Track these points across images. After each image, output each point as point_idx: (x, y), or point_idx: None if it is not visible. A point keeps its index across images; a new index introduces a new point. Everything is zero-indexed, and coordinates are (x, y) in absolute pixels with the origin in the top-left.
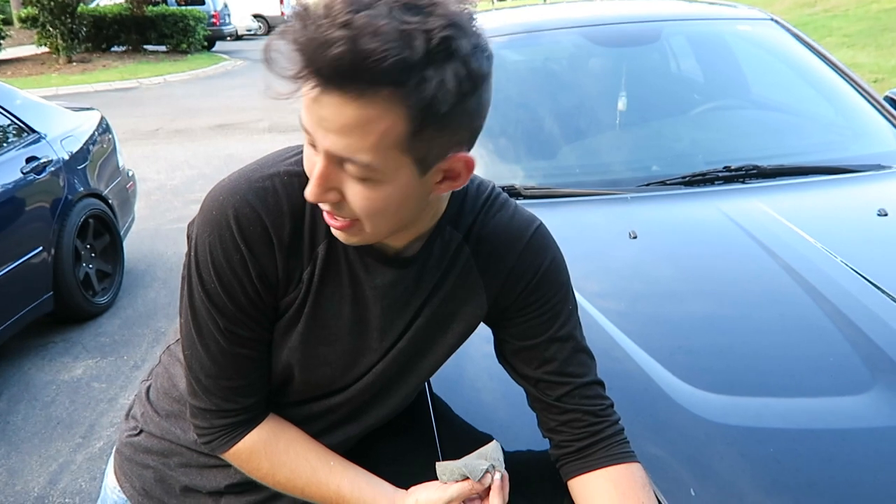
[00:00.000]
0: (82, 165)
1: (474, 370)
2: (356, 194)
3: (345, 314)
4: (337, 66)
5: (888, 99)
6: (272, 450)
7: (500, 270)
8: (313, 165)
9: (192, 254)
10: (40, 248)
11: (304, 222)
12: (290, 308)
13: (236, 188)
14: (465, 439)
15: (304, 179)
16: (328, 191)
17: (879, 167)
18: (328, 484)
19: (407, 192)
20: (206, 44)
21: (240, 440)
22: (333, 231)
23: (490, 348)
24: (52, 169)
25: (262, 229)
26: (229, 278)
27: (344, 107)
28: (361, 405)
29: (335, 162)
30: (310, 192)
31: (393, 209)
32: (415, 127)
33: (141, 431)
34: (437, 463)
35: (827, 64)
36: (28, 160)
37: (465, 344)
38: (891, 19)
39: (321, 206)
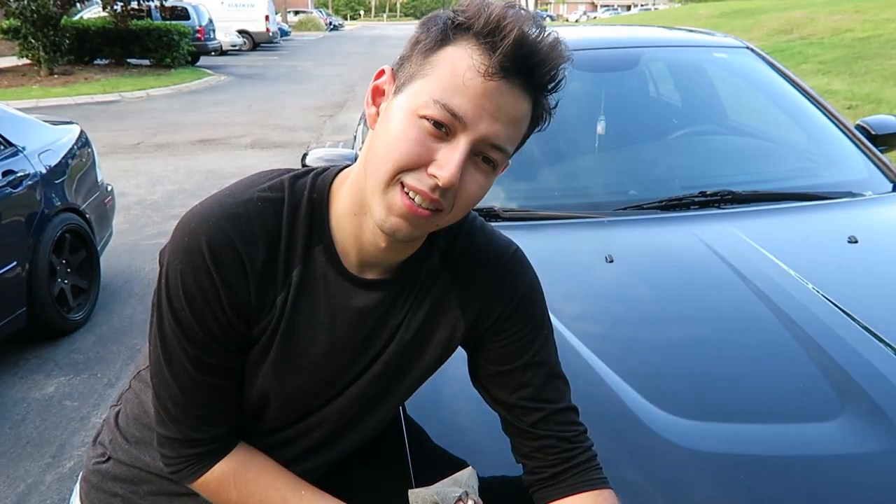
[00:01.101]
0: (60, 179)
1: (450, 392)
2: (475, 182)
3: (321, 341)
4: (540, 69)
5: (859, 127)
6: (241, 480)
7: (478, 294)
8: (430, 152)
9: (163, 281)
10: (14, 262)
11: (280, 248)
12: (263, 335)
13: (209, 214)
14: (438, 464)
15: (279, 205)
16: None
17: (851, 194)
18: None
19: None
20: (190, 58)
21: (208, 470)
22: (398, 220)
23: (465, 370)
24: (30, 183)
25: (235, 256)
26: (200, 306)
27: (522, 101)
28: (336, 430)
29: (473, 151)
30: (452, 175)
31: (480, 200)
32: (529, 133)
33: (109, 458)
34: (410, 490)
35: (800, 92)
36: (5, 174)
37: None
38: (864, 48)
39: (413, 190)
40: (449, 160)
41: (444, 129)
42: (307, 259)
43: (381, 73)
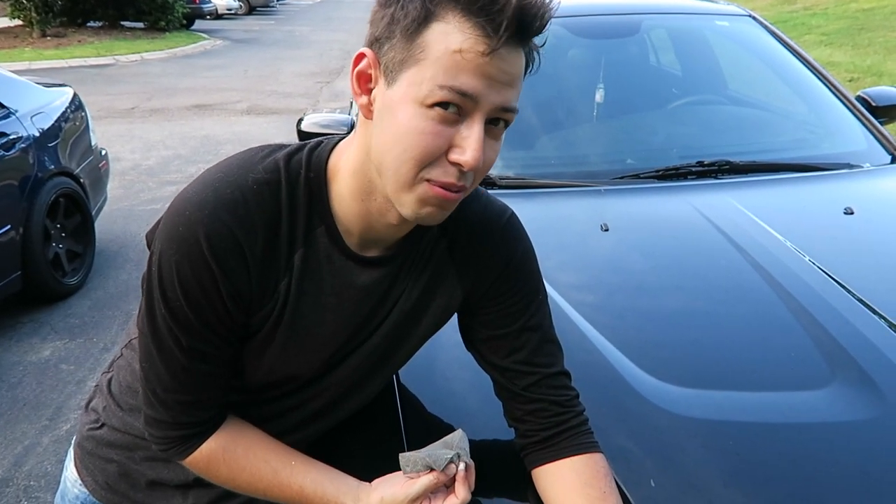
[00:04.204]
0: (53, 143)
1: (444, 359)
2: (492, 149)
3: (328, 320)
4: (534, 26)
5: (860, 99)
6: (230, 456)
7: (473, 261)
8: (447, 139)
9: (156, 269)
10: (9, 226)
11: (280, 232)
12: (267, 321)
13: (203, 202)
14: (432, 429)
15: (276, 187)
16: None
17: (849, 166)
18: (290, 485)
19: None
20: (185, 22)
21: (196, 449)
22: (431, 209)
23: (459, 337)
24: (22, 146)
25: (234, 245)
26: (197, 298)
27: (519, 57)
28: (335, 399)
29: (487, 121)
30: (476, 158)
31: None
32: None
33: (103, 425)
34: (401, 454)
35: (802, 62)
36: None
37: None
38: (868, 19)
39: (440, 183)
40: (469, 142)
41: (454, 109)
42: (309, 241)
43: (361, 56)
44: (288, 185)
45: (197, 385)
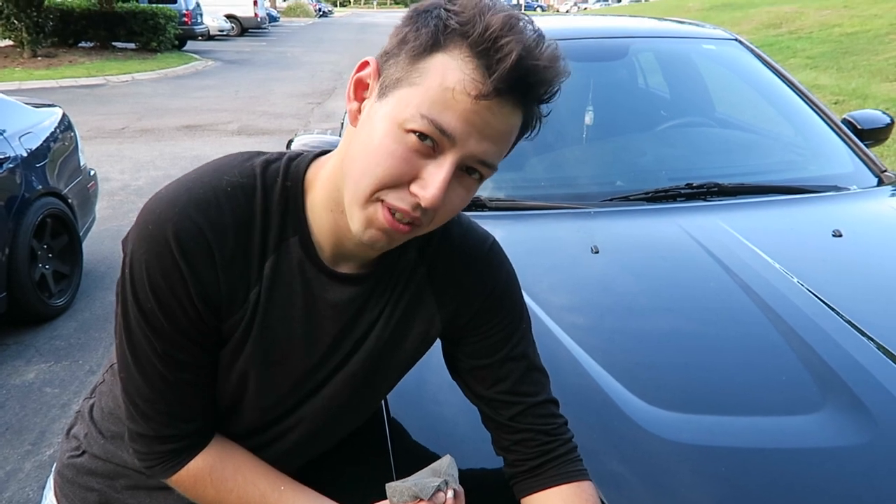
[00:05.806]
0: (41, 163)
1: (435, 382)
2: (457, 196)
3: (297, 334)
4: (537, 88)
5: (846, 122)
6: (218, 476)
7: (454, 289)
8: (413, 169)
9: (127, 271)
10: None
11: (251, 238)
12: (237, 330)
13: (175, 201)
14: (421, 455)
15: (250, 192)
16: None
17: (836, 188)
18: None
19: None
20: (176, 43)
21: (182, 467)
22: (376, 232)
23: None
24: (10, 166)
25: (203, 245)
26: (168, 298)
27: (513, 116)
28: (313, 431)
29: (460, 167)
30: (435, 197)
31: (460, 210)
32: (517, 141)
33: (84, 452)
34: (387, 484)
35: (788, 85)
36: None
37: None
38: (852, 43)
39: (394, 208)
40: (434, 179)
41: (430, 142)
42: (281, 249)
43: (365, 64)
44: (263, 190)
45: (176, 395)
